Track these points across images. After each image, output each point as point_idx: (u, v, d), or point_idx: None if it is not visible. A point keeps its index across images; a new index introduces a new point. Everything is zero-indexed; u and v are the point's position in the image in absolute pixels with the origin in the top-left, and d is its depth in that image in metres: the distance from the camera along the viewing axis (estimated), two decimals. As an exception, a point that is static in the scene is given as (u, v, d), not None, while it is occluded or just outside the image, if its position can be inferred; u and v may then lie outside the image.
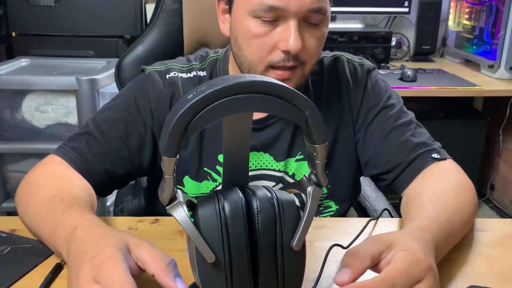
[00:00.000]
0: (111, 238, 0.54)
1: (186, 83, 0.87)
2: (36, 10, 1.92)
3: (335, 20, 2.33)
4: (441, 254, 0.65)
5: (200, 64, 0.90)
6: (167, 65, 0.89)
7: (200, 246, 0.45)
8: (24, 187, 0.76)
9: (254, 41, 0.78)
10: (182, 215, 0.46)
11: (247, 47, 0.79)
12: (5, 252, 0.69)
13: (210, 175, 0.88)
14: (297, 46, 0.74)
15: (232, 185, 0.50)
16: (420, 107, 2.29)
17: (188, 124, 0.42)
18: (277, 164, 0.88)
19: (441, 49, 2.52)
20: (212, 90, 0.42)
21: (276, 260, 0.47)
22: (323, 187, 0.50)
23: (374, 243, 0.56)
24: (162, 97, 0.85)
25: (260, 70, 0.79)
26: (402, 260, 0.53)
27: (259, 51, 0.78)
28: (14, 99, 1.72)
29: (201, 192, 0.89)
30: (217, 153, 0.87)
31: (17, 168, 1.81)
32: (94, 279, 0.49)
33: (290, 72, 0.78)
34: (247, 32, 0.78)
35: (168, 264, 0.50)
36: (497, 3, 2.03)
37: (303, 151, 0.88)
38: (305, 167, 0.89)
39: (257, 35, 0.77)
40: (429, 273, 0.54)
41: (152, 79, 0.86)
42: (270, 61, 0.78)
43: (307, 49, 0.78)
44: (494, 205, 2.48)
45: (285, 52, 0.76)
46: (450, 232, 0.68)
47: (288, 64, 0.77)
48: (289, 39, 0.74)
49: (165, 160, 0.44)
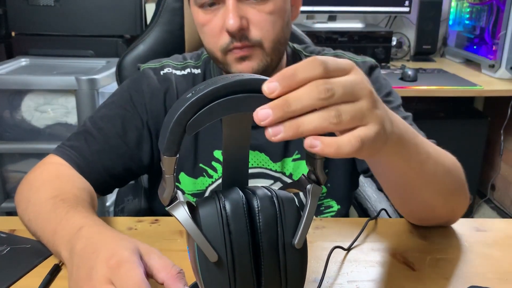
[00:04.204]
0: (124, 241, 0.54)
1: (180, 80, 0.88)
2: (36, 9, 1.92)
3: (335, 19, 2.33)
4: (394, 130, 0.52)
5: (195, 62, 0.91)
6: (162, 62, 0.90)
7: (202, 245, 0.45)
8: (24, 187, 0.76)
9: (205, 29, 0.79)
10: (183, 214, 0.46)
11: (203, 37, 0.81)
12: (4, 253, 0.69)
13: (206, 172, 0.88)
14: (235, 23, 0.73)
15: (232, 185, 0.50)
16: (421, 107, 2.29)
17: (187, 123, 0.42)
18: (273, 164, 0.88)
19: (442, 48, 2.52)
20: (211, 88, 0.42)
21: (279, 259, 0.47)
22: (322, 184, 0.49)
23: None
24: (156, 92, 0.86)
25: (219, 56, 0.79)
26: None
27: (211, 38, 0.79)
28: (13, 99, 1.72)
29: (197, 189, 0.89)
30: (212, 149, 0.87)
31: (17, 168, 1.81)
32: (109, 279, 0.49)
33: (247, 50, 0.77)
34: (198, 23, 0.80)
35: (178, 273, 0.51)
36: (498, 2, 2.03)
37: (300, 150, 0.88)
38: (302, 167, 0.88)
39: (205, 23, 0.78)
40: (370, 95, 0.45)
41: (147, 76, 0.87)
42: (221, 45, 0.77)
43: (256, 26, 0.76)
44: (495, 205, 2.48)
45: (228, 33, 0.76)
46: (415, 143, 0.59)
47: (238, 45, 0.76)
48: (227, 19, 0.74)
49: (165, 159, 0.44)
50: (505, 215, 2.39)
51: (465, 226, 0.79)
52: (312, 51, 0.94)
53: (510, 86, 1.95)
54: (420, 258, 0.70)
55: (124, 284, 0.48)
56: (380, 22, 2.48)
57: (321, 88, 0.41)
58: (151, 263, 0.52)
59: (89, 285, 0.50)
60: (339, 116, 0.42)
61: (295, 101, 0.40)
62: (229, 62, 0.78)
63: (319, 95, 0.41)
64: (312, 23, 2.27)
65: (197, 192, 0.89)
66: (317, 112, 0.41)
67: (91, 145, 0.82)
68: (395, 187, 0.67)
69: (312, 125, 0.41)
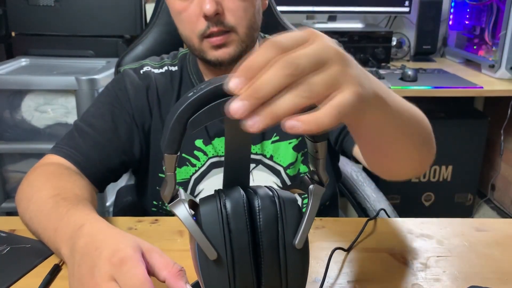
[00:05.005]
0: (126, 238, 0.54)
1: (158, 77, 0.92)
2: (36, 9, 1.92)
3: (335, 20, 2.33)
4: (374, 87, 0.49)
5: (172, 61, 0.95)
6: (141, 63, 0.95)
7: (202, 243, 0.45)
8: (25, 187, 0.76)
9: (181, 17, 0.82)
10: (183, 212, 0.46)
11: (179, 24, 0.84)
12: (4, 252, 0.69)
13: (189, 161, 0.90)
14: (211, 7, 0.76)
15: (233, 184, 0.50)
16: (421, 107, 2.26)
17: (187, 121, 0.42)
18: (253, 147, 0.90)
19: (442, 49, 2.52)
20: (212, 87, 0.42)
21: (279, 258, 0.47)
22: (325, 184, 0.50)
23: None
24: (139, 88, 0.90)
25: (196, 43, 0.82)
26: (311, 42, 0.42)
27: (188, 24, 0.81)
28: (13, 99, 1.72)
29: (181, 178, 0.90)
30: (193, 139, 0.90)
31: (17, 168, 1.80)
32: (112, 276, 0.49)
33: (222, 37, 0.80)
34: (174, 11, 0.83)
35: (179, 270, 0.51)
36: (498, 2, 2.03)
37: (278, 132, 0.90)
38: (282, 148, 0.90)
39: (181, 10, 0.81)
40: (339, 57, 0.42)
41: (128, 74, 0.91)
42: (198, 31, 0.80)
43: (230, 12, 0.79)
44: (495, 205, 2.48)
45: (205, 18, 0.78)
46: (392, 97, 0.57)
47: (214, 30, 0.79)
48: (204, 4, 0.77)
49: (166, 157, 0.44)
50: (505, 215, 2.39)
51: (465, 226, 0.79)
52: None
53: (510, 86, 1.95)
54: (420, 258, 0.70)
55: (127, 282, 0.48)
56: (380, 22, 2.48)
57: (283, 64, 0.39)
58: (153, 261, 0.52)
59: (91, 283, 0.50)
60: (310, 88, 0.39)
61: (262, 85, 0.38)
62: (205, 49, 0.81)
63: (283, 71, 0.38)
64: (312, 23, 2.27)
65: (182, 181, 0.90)
66: (288, 91, 0.39)
67: (86, 141, 0.84)
68: (372, 142, 0.64)
69: (286, 105, 0.38)
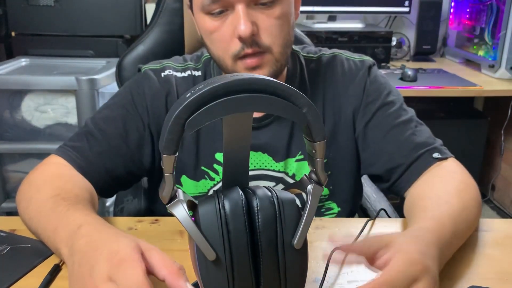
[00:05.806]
0: (125, 238, 0.54)
1: (180, 82, 0.88)
2: (36, 9, 1.92)
3: (335, 20, 2.33)
4: (447, 255, 0.65)
5: (195, 64, 0.91)
6: (163, 64, 0.90)
7: (201, 243, 0.45)
8: (25, 187, 0.76)
9: (213, 36, 0.78)
10: (182, 213, 0.46)
11: (210, 44, 0.81)
12: (4, 252, 0.69)
13: (207, 174, 0.88)
14: (247, 29, 0.73)
15: (232, 185, 0.50)
16: (421, 107, 2.27)
17: (185, 122, 0.42)
18: (276, 164, 0.88)
19: (442, 49, 2.52)
20: (209, 88, 0.42)
21: (278, 258, 0.47)
22: (323, 185, 0.50)
23: (372, 241, 0.57)
24: (157, 95, 0.86)
25: (229, 64, 0.79)
26: (398, 260, 0.53)
27: (220, 45, 0.78)
28: (13, 99, 1.72)
29: (199, 191, 0.88)
30: (214, 152, 0.87)
31: (17, 168, 1.81)
32: (110, 277, 0.49)
33: (258, 59, 0.77)
34: (205, 30, 0.79)
35: (179, 269, 0.51)
36: (498, 2, 2.03)
37: (303, 151, 0.87)
38: (305, 168, 0.88)
39: (213, 30, 0.78)
40: (426, 275, 0.53)
41: (148, 77, 0.87)
42: (232, 52, 0.77)
43: (265, 31, 0.76)
44: (495, 206, 2.48)
45: (240, 39, 0.75)
46: (455, 232, 0.67)
47: (249, 51, 0.76)
48: (238, 25, 0.74)
49: (165, 158, 0.44)
50: (505, 215, 2.39)
51: (465, 226, 0.79)
52: (309, 51, 0.94)
53: (510, 86, 1.95)
54: (420, 258, 0.69)
55: (125, 282, 0.48)
56: (380, 22, 2.48)
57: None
58: (152, 261, 0.52)
59: (90, 283, 0.50)
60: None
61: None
62: (239, 71, 0.78)
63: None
64: (312, 23, 2.27)
65: (199, 195, 0.88)
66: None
67: (93, 146, 0.82)
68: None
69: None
